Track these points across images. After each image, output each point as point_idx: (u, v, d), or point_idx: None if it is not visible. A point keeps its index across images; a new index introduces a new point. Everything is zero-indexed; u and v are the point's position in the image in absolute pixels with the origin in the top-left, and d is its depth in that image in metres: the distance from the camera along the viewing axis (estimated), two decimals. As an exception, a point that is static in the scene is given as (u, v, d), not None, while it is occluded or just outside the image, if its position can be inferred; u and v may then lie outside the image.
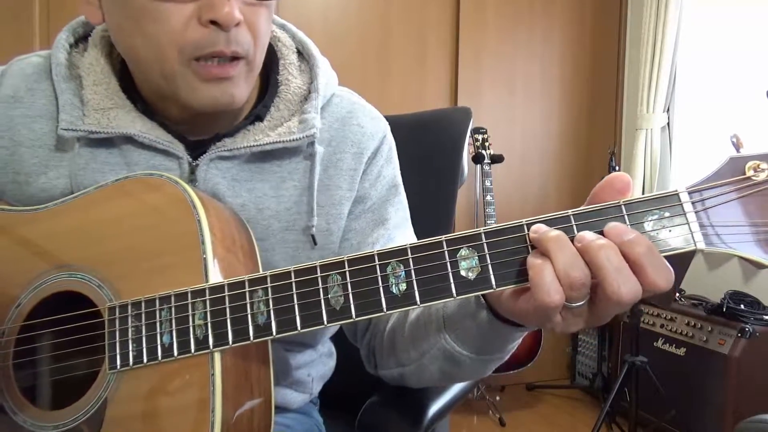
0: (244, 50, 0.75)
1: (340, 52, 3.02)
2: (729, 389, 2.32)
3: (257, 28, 0.76)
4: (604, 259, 0.53)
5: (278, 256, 0.85)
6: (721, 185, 0.54)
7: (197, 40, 0.72)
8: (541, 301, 0.54)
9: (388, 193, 0.92)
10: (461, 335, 0.71)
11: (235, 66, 0.75)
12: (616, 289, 0.52)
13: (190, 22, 0.71)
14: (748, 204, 0.53)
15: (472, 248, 0.58)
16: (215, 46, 0.72)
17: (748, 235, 0.53)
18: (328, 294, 0.62)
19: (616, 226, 0.54)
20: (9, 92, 0.84)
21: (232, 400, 0.65)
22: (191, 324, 0.65)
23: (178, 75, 0.74)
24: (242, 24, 0.73)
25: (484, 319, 0.67)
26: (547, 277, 0.53)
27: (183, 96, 0.75)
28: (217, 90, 0.75)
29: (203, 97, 0.75)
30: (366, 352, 0.91)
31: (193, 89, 0.74)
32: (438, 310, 0.74)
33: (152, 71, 0.76)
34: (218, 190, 0.82)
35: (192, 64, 0.73)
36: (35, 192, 0.82)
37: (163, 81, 0.75)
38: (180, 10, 0.71)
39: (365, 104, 0.94)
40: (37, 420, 0.72)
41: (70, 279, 0.73)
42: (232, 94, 0.76)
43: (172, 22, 0.71)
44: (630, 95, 3.52)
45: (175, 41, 0.72)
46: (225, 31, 0.72)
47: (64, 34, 0.86)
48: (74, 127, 0.80)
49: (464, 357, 0.72)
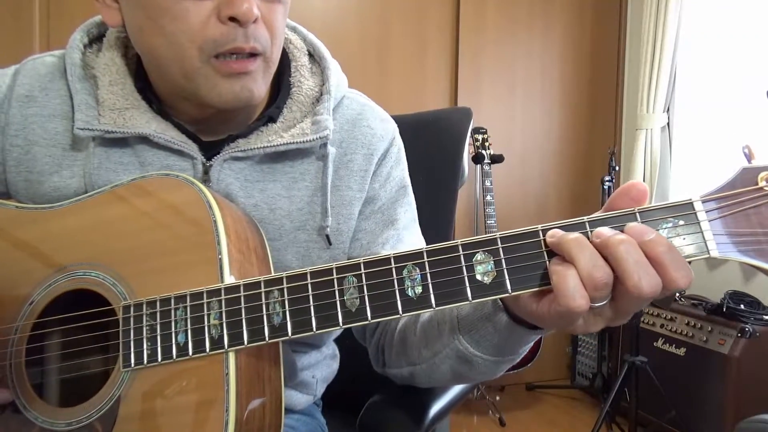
0: (263, 46, 0.76)
1: (340, 52, 2.98)
2: (729, 389, 2.32)
3: (274, 25, 0.77)
4: (624, 252, 0.53)
5: (290, 256, 0.85)
6: (734, 195, 0.55)
7: (217, 37, 0.73)
8: (566, 306, 0.54)
9: (397, 194, 0.92)
10: (476, 337, 0.71)
11: (253, 61, 0.76)
12: (636, 281, 0.52)
13: (210, 20, 0.73)
14: (761, 214, 0.54)
15: (488, 253, 0.58)
16: (235, 42, 0.73)
17: (760, 245, 0.54)
18: (344, 296, 0.62)
19: (635, 226, 0.55)
20: (23, 91, 0.85)
21: (246, 399, 0.66)
22: (206, 324, 0.66)
23: (198, 73, 0.75)
24: (260, 21, 0.74)
25: (502, 322, 0.67)
26: (570, 282, 0.54)
27: (203, 93, 0.76)
28: (237, 85, 0.76)
29: (224, 92, 0.76)
30: (375, 351, 0.92)
31: (213, 86, 0.75)
32: (452, 311, 0.74)
33: (172, 70, 0.76)
34: (231, 190, 0.82)
35: (212, 61, 0.74)
36: (48, 191, 0.82)
37: (184, 80, 0.76)
38: (199, 7, 0.72)
39: (374, 106, 0.95)
40: (49, 417, 0.72)
41: (84, 277, 0.74)
42: (251, 89, 0.77)
43: (191, 20, 0.72)
44: (630, 95, 3.53)
45: (195, 39, 0.73)
46: (244, 28, 0.73)
47: (79, 35, 0.87)
48: (90, 127, 0.80)
49: (477, 358, 0.73)
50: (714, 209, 0.55)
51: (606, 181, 2.94)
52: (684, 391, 2.50)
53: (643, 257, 0.53)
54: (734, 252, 0.55)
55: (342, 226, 0.88)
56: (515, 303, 0.63)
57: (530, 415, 3.09)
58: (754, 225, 0.54)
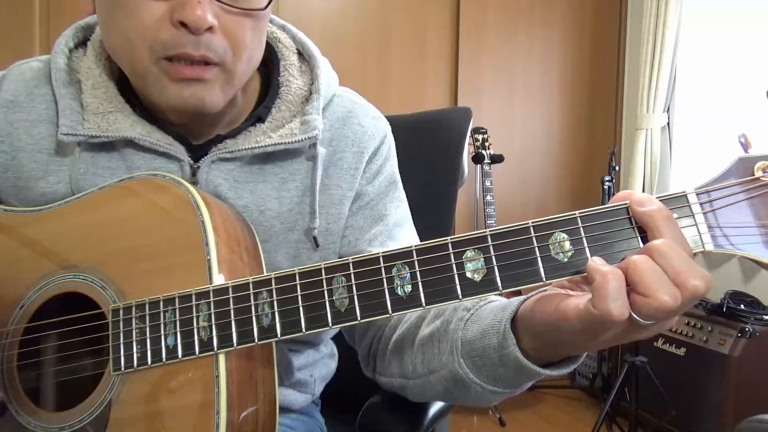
0: (219, 56, 0.73)
1: (339, 52, 3.02)
2: (729, 389, 2.31)
3: (237, 38, 0.74)
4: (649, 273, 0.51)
5: (281, 257, 0.85)
6: (729, 186, 0.54)
7: (166, 39, 0.71)
8: (602, 310, 0.50)
9: (386, 189, 0.91)
10: (479, 363, 0.67)
11: (209, 69, 0.73)
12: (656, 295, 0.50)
13: (162, 21, 0.70)
14: (757, 205, 0.53)
15: (478, 250, 0.58)
16: (183, 48, 0.71)
17: (756, 236, 0.52)
18: (333, 296, 0.61)
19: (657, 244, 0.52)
20: (9, 97, 0.84)
21: (237, 401, 0.65)
22: (195, 326, 0.65)
23: (147, 72, 0.73)
24: (217, 30, 0.72)
25: (511, 357, 0.62)
26: (613, 284, 0.50)
27: (152, 94, 0.75)
28: (186, 91, 0.73)
29: (171, 97, 0.74)
30: (365, 355, 0.90)
31: (162, 88, 0.73)
32: (456, 331, 0.70)
33: (126, 67, 0.76)
34: (220, 191, 0.81)
35: (161, 63, 0.72)
36: (36, 197, 0.82)
37: (135, 78, 0.75)
38: (153, 7, 0.70)
39: (366, 104, 0.94)
40: (41, 421, 0.72)
41: (74, 280, 0.73)
42: (202, 98, 0.74)
43: (143, 18, 0.70)
44: (630, 95, 3.53)
45: (146, 38, 0.71)
46: (195, 35, 0.70)
47: (64, 39, 0.86)
48: (74, 132, 0.80)
49: (476, 386, 0.68)
50: (709, 201, 0.54)
51: (606, 181, 2.94)
52: (684, 391, 2.49)
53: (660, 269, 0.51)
54: (729, 245, 0.53)
55: (332, 226, 0.87)
56: (529, 318, 0.61)
57: (530, 415, 3.08)
58: (751, 216, 0.53)
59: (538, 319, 0.59)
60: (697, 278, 0.50)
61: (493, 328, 0.65)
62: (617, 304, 0.50)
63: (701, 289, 0.50)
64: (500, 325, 0.64)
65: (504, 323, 0.63)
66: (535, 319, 0.60)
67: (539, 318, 0.59)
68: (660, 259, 0.51)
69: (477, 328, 0.67)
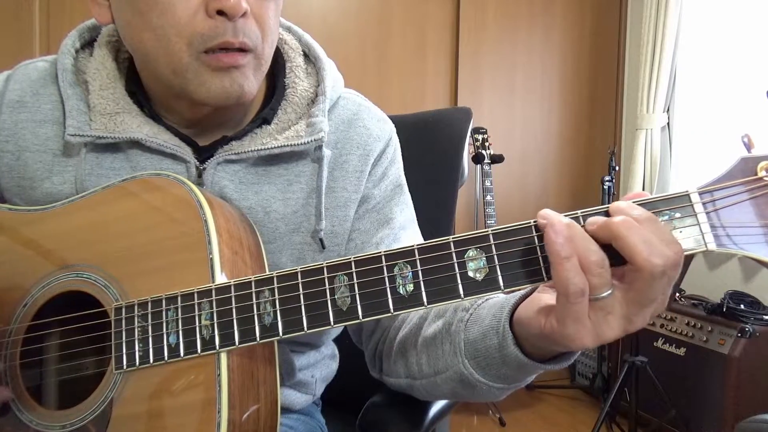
0: (253, 42, 0.74)
1: (339, 52, 3.00)
2: (729, 389, 2.31)
3: (265, 21, 0.76)
4: (625, 229, 0.52)
5: (285, 258, 0.85)
6: (732, 186, 0.54)
7: (205, 31, 0.71)
8: (564, 291, 0.53)
9: (392, 192, 0.91)
10: (483, 364, 0.68)
11: (244, 56, 0.74)
12: (646, 255, 0.51)
13: (197, 14, 0.71)
14: (760, 204, 0.53)
15: (480, 249, 0.58)
16: (223, 37, 0.72)
17: (759, 236, 0.52)
18: (335, 294, 0.62)
19: (619, 203, 0.54)
20: (14, 97, 0.84)
21: (238, 400, 0.65)
22: (198, 324, 0.66)
23: (187, 68, 0.73)
24: (249, 15, 0.73)
25: (512, 356, 0.64)
26: (566, 265, 0.53)
27: (193, 90, 0.75)
28: (226, 80, 0.74)
29: (213, 88, 0.74)
30: (371, 356, 0.91)
31: (202, 81, 0.74)
32: (458, 332, 0.71)
33: (161, 66, 0.75)
34: (225, 193, 0.82)
35: (201, 56, 0.73)
36: (40, 197, 0.82)
37: (172, 75, 0.75)
38: (186, 1, 0.71)
39: (371, 106, 0.94)
40: (44, 420, 0.72)
41: (77, 279, 0.73)
42: (242, 85, 0.75)
43: (178, 13, 0.71)
44: (630, 95, 3.52)
45: (183, 33, 0.72)
46: (232, 22, 0.71)
47: (70, 39, 0.86)
48: (81, 133, 0.80)
49: (482, 384, 0.69)
50: (711, 201, 0.54)
51: (606, 181, 2.94)
52: (684, 391, 2.49)
53: (644, 230, 0.52)
54: (732, 245, 0.53)
55: (337, 228, 0.87)
56: (525, 325, 0.62)
57: (530, 415, 3.08)
58: (754, 216, 0.53)
59: (524, 320, 0.62)
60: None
61: (493, 329, 0.66)
62: (573, 279, 0.53)
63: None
64: (499, 325, 0.65)
65: (503, 323, 0.64)
66: (522, 321, 0.62)
67: (526, 321, 0.62)
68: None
69: (478, 329, 0.68)
